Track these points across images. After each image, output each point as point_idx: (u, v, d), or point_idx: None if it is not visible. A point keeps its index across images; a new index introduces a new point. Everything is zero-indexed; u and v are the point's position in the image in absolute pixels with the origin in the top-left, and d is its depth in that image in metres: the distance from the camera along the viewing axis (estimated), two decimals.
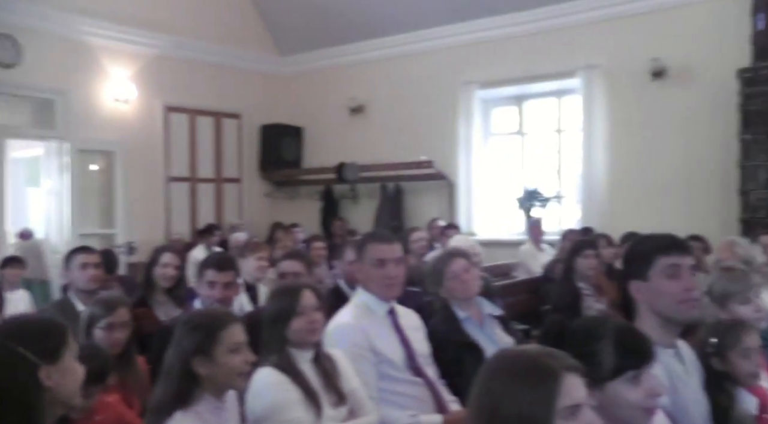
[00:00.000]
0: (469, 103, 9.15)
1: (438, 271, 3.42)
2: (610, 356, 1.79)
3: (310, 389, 2.49)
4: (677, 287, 2.28)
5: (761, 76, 6.71)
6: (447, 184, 9.32)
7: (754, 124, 6.73)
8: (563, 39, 8.37)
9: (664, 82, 7.72)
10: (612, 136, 8.14)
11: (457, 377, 3.01)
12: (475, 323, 3.33)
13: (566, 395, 1.36)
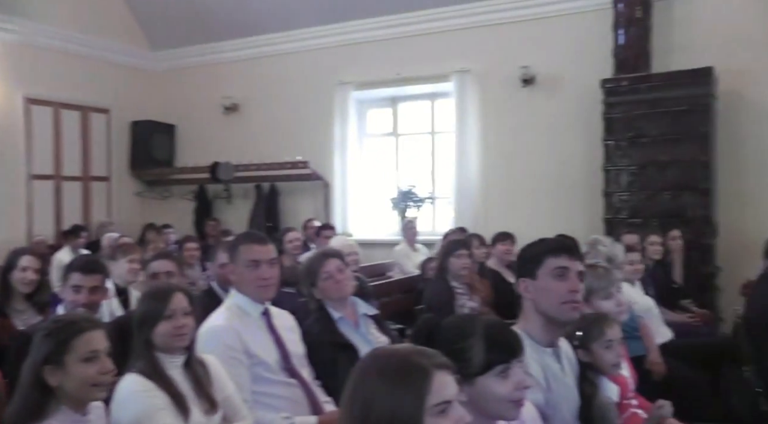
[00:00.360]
0: (344, 103, 9.16)
1: (312, 271, 3.39)
2: (480, 352, 1.84)
3: (178, 394, 2.39)
4: (563, 288, 2.38)
5: (622, 87, 7.09)
6: (322, 184, 9.30)
7: (616, 131, 7.10)
8: (437, 43, 8.53)
9: (534, 89, 8.03)
10: (484, 139, 8.38)
11: (331, 378, 2.99)
12: (350, 323, 3.32)
13: (437, 392, 1.38)
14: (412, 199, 8.81)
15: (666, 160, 6.86)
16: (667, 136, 6.86)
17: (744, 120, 7.12)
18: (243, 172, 9.53)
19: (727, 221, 6.98)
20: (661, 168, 6.89)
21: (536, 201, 7.94)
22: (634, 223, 6.83)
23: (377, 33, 8.88)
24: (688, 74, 6.84)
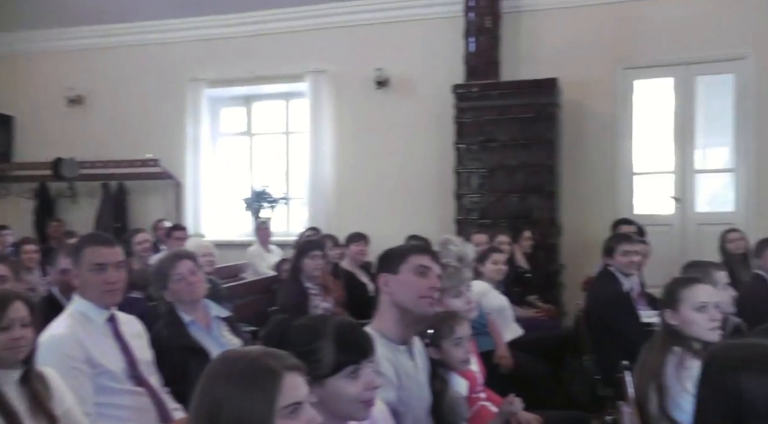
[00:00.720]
0: (197, 101, 8.92)
1: (163, 273, 3.26)
2: (330, 352, 1.83)
3: (11, 413, 2.19)
4: (423, 284, 2.48)
5: (473, 93, 7.34)
6: (174, 183, 9.00)
7: (467, 135, 7.33)
8: (293, 43, 8.47)
9: (388, 92, 8.14)
10: (339, 140, 8.41)
11: (182, 384, 2.88)
12: (201, 326, 3.22)
13: (287, 393, 1.37)
14: (266, 199, 8.70)
15: (514, 164, 7.16)
16: (515, 141, 7.16)
17: (585, 128, 7.56)
18: (89, 169, 9.04)
19: (570, 222, 7.38)
20: (509, 171, 7.18)
21: (390, 202, 8.06)
22: (484, 224, 7.07)
23: (232, 30, 8.70)
24: (535, 84, 7.18)
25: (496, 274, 5.12)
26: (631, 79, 7.61)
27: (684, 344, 2.76)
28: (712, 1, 7.24)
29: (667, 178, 7.62)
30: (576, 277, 6.70)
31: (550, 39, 7.61)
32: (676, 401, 2.57)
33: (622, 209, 7.33)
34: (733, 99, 7.42)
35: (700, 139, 7.58)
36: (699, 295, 2.83)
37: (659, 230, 7.23)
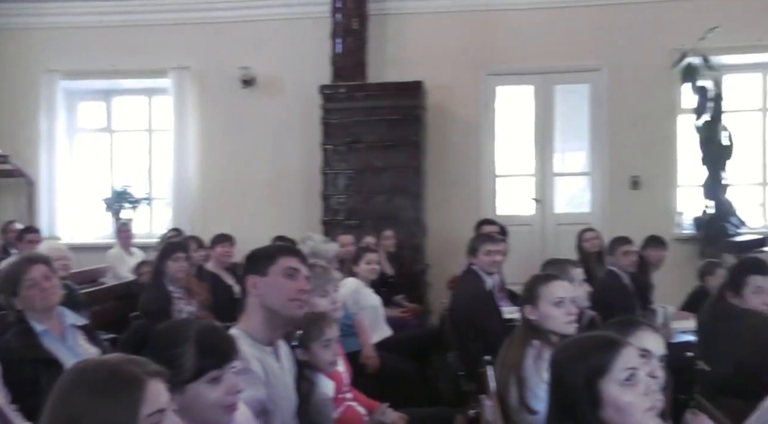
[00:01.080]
0: (51, 93, 8.39)
1: (13, 279, 3.05)
2: (192, 357, 1.79)
3: None
4: (292, 287, 2.45)
5: (340, 94, 7.35)
6: (26, 182, 8.45)
7: (334, 136, 7.34)
8: (155, 36, 8.15)
9: (254, 91, 8.02)
10: (204, 139, 8.20)
11: (32, 399, 2.71)
12: (56, 336, 3.04)
13: (151, 401, 1.32)
14: (127, 199, 8.36)
15: (381, 165, 7.23)
16: (382, 142, 7.24)
17: (450, 131, 7.76)
18: None
19: (435, 222, 7.54)
20: (376, 173, 7.25)
21: (256, 202, 7.94)
22: (350, 224, 7.10)
23: (90, 18, 8.25)
24: (401, 86, 7.28)
25: (369, 273, 5.17)
26: (494, 85, 7.87)
27: (542, 338, 2.87)
28: (571, 16, 7.60)
29: (528, 181, 7.94)
30: (441, 276, 6.84)
31: (417, 43, 7.74)
32: (534, 392, 2.67)
33: (486, 210, 7.56)
34: (588, 107, 7.83)
35: (558, 144, 7.95)
36: (556, 291, 2.96)
37: (520, 229, 7.51)
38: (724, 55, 7.47)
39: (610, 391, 1.88)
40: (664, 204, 7.60)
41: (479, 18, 7.71)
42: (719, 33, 6.93)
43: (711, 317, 3.62)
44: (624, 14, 7.53)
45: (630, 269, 5.29)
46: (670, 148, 7.64)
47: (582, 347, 1.99)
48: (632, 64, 7.54)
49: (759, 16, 7.34)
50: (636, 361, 1.95)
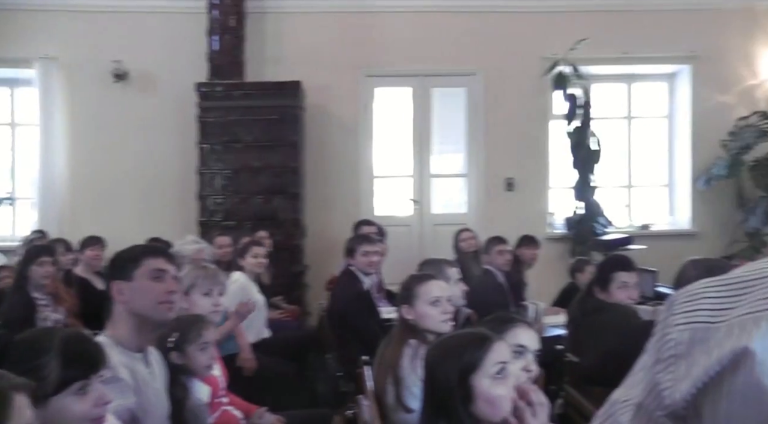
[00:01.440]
0: None
1: None
2: (56, 368, 1.68)
3: None
4: (160, 289, 2.36)
5: (217, 93, 7.18)
6: None
7: (210, 135, 7.16)
8: (19, 23, 7.63)
9: (127, 86, 7.69)
10: (72, 135, 7.78)
11: None
12: None
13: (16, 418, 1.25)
14: None
15: (259, 165, 7.12)
16: (260, 142, 7.13)
17: (329, 131, 7.74)
18: None
19: (314, 223, 7.49)
20: (254, 173, 7.13)
21: (128, 203, 7.63)
22: (228, 225, 6.95)
23: None
24: (279, 86, 7.20)
25: (256, 267, 5.11)
26: (372, 86, 7.92)
27: (419, 337, 2.90)
28: (448, 21, 7.75)
29: (406, 182, 8.03)
30: (320, 277, 6.81)
31: (295, 42, 7.68)
32: (411, 390, 2.69)
33: (364, 211, 7.59)
34: (465, 111, 8.01)
35: (436, 146, 8.09)
36: (433, 290, 3.00)
37: (399, 230, 7.59)
38: (593, 65, 7.83)
39: (482, 385, 1.94)
40: (537, 205, 7.88)
41: (358, 19, 7.74)
42: (588, 45, 7.27)
43: (580, 311, 3.77)
44: (499, 22, 7.75)
45: (504, 267, 5.45)
46: (542, 151, 7.93)
47: (454, 344, 2.05)
48: (507, 71, 7.77)
49: (624, 31, 7.75)
50: (506, 355, 2.02)
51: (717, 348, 0.89)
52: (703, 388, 0.90)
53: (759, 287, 0.90)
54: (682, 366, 0.93)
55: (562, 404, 3.39)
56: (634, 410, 0.98)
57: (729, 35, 7.89)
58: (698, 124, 7.91)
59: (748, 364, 0.85)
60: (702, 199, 7.92)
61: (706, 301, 0.94)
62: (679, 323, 0.95)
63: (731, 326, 0.89)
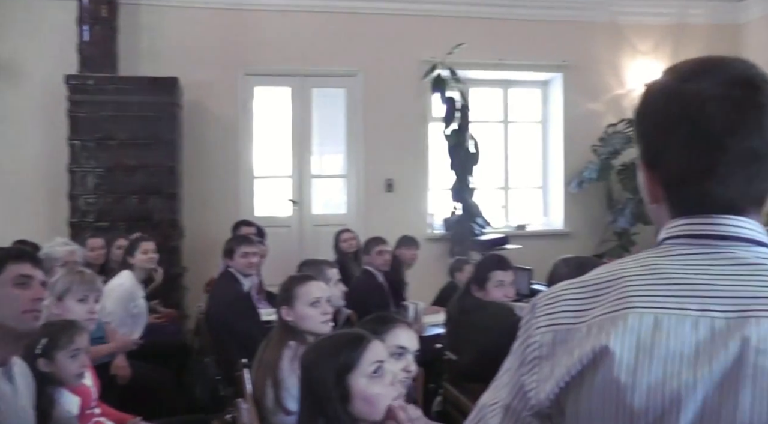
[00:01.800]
0: None
1: None
2: None
3: None
4: (25, 296, 2.22)
5: (89, 86, 6.85)
6: None
7: (82, 131, 6.83)
8: None
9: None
10: None
11: None
12: None
13: None
14: None
15: (134, 164, 6.86)
16: (135, 140, 6.86)
17: (207, 130, 7.55)
18: None
19: (192, 224, 7.29)
20: (129, 172, 6.86)
21: None
22: (101, 226, 6.66)
23: None
24: (155, 81, 6.94)
25: (148, 262, 4.95)
26: (252, 85, 7.81)
27: (299, 338, 2.88)
28: (327, 21, 7.70)
29: (286, 182, 7.96)
30: (199, 279, 6.65)
31: (171, 37, 7.44)
32: (291, 392, 2.67)
33: (244, 211, 7.47)
34: (345, 112, 8.02)
35: (316, 147, 8.06)
36: (312, 291, 3.00)
37: (279, 231, 7.52)
38: (470, 70, 8.03)
39: (359, 385, 1.97)
40: (417, 206, 8.00)
41: (237, 16, 7.59)
42: (466, 50, 7.45)
43: (458, 310, 3.85)
44: (379, 24, 7.82)
45: (384, 268, 5.50)
46: (422, 153, 8.05)
47: (330, 344, 2.08)
48: (386, 72, 7.85)
49: (500, 38, 8.00)
50: (382, 354, 2.05)
51: (578, 348, 0.93)
52: (565, 387, 0.94)
53: (615, 288, 0.95)
54: (545, 367, 0.97)
55: (441, 401, 3.45)
56: (502, 412, 1.01)
57: (597, 47, 8.31)
58: (570, 129, 8.27)
59: (606, 362, 0.90)
60: (574, 201, 8.28)
61: (566, 303, 0.99)
62: (541, 326, 0.99)
63: (590, 327, 0.94)
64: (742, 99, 0.95)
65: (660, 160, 1.01)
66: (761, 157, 0.95)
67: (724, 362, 0.86)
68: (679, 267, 0.94)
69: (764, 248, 0.96)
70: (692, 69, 1.00)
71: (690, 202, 0.98)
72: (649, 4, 8.34)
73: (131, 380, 4.17)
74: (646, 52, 8.39)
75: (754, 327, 0.87)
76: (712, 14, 8.51)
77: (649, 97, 1.04)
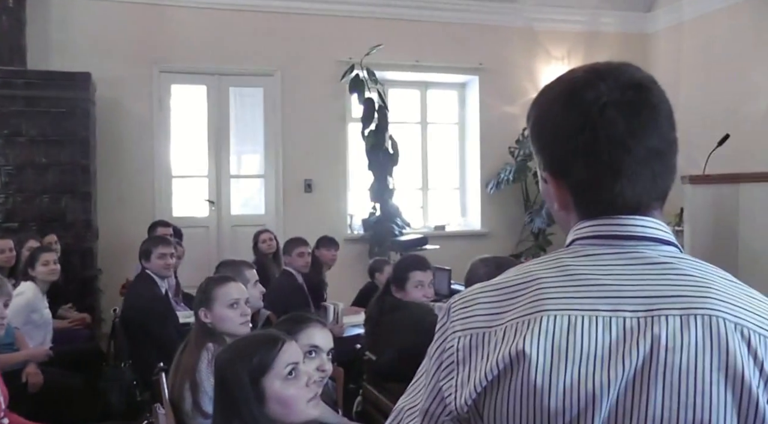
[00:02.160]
0: None
1: None
2: None
3: None
4: None
5: None
6: None
7: None
8: None
9: None
10: None
11: None
12: None
13: None
14: None
15: (45, 161, 6.62)
16: (46, 136, 6.62)
17: (122, 128, 7.37)
18: None
19: (107, 225, 7.11)
20: (40, 170, 6.62)
21: None
22: (10, 227, 6.41)
23: None
24: (67, 76, 6.71)
25: (50, 274, 4.77)
26: (168, 82, 7.65)
27: (218, 340, 2.86)
28: (244, 19, 7.63)
29: (204, 182, 7.84)
30: (114, 281, 6.49)
31: (83, 30, 7.22)
32: (209, 395, 2.65)
33: (161, 212, 7.33)
34: (262, 111, 7.96)
35: (234, 147, 7.96)
36: (231, 292, 2.98)
37: (196, 231, 7.43)
38: (388, 71, 8.12)
39: (274, 387, 1.97)
40: (336, 206, 8.02)
41: (151, 11, 7.41)
42: (383, 51, 7.52)
43: (378, 310, 3.88)
44: (297, 23, 7.79)
45: (304, 269, 5.49)
46: (341, 154, 8.08)
47: (244, 346, 2.07)
48: (304, 72, 7.84)
49: (417, 40, 8.11)
50: (297, 356, 2.06)
51: (494, 352, 0.95)
52: (483, 391, 0.95)
53: (528, 290, 0.97)
54: (462, 372, 0.98)
55: (360, 401, 3.48)
56: (420, 417, 1.02)
57: (512, 51, 8.51)
58: (487, 131, 8.44)
59: (522, 366, 0.92)
60: (491, 202, 8.45)
61: (481, 306, 1.00)
62: (456, 330, 1.00)
63: (506, 330, 0.95)
64: (637, 101, 0.98)
65: (567, 168, 1.02)
66: (662, 155, 0.99)
67: (636, 361, 0.89)
68: (589, 268, 0.97)
69: (670, 246, 1.00)
70: (585, 77, 1.02)
71: (601, 205, 1.00)
72: (562, 12, 8.59)
73: (43, 387, 4.04)
74: (560, 58, 8.65)
75: (664, 325, 0.90)
76: (622, 23, 8.84)
77: (544, 107, 1.06)
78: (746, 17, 7.46)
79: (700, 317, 0.91)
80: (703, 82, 8.00)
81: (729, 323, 0.90)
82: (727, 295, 0.94)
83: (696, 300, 0.92)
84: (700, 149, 5.01)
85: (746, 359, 0.89)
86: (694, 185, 4.34)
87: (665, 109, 1.01)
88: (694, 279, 0.95)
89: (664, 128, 1.00)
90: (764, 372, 0.89)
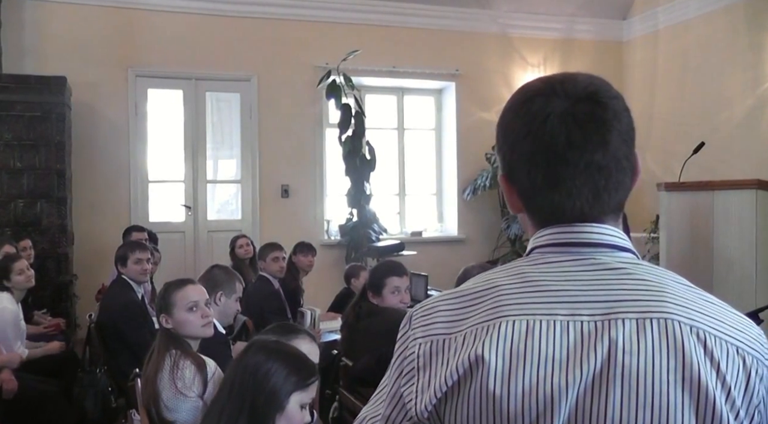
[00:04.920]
0: None
1: None
2: None
3: None
4: None
5: None
6: None
7: None
8: None
9: None
10: None
11: None
12: None
13: None
14: None
15: (20, 166, 6.56)
16: (21, 141, 6.56)
17: (98, 132, 7.33)
18: None
19: (82, 230, 7.06)
20: (14, 174, 6.56)
21: None
22: None
23: None
24: (42, 81, 6.66)
25: (26, 282, 4.75)
26: (144, 87, 7.62)
27: (180, 346, 2.85)
28: (221, 24, 7.63)
29: (180, 187, 7.81)
30: (90, 287, 6.44)
31: (59, 34, 7.17)
32: (167, 405, 2.66)
33: (137, 217, 7.30)
34: (239, 116, 7.94)
35: (211, 152, 7.95)
36: (189, 295, 2.97)
37: (173, 236, 7.39)
38: (365, 76, 8.14)
39: (295, 409, 2.10)
40: (313, 212, 8.02)
41: (127, 15, 7.38)
42: (360, 57, 7.54)
43: (354, 316, 3.89)
44: (273, 29, 7.79)
45: (280, 274, 5.49)
46: (317, 159, 8.08)
47: (287, 359, 2.16)
48: (281, 78, 7.84)
49: (394, 46, 8.15)
50: (314, 393, 2.15)
51: (453, 358, 0.97)
52: (443, 397, 0.97)
53: (488, 298, 1.00)
54: (422, 378, 1.00)
55: (337, 407, 3.49)
56: (381, 423, 1.04)
57: (488, 58, 8.57)
58: (463, 137, 8.48)
59: (481, 371, 0.94)
60: (468, 208, 8.50)
61: (441, 314, 1.02)
62: (417, 337, 1.02)
63: (465, 336, 0.97)
64: (586, 115, 0.98)
65: (513, 173, 1.04)
66: (606, 170, 0.99)
67: (595, 364, 0.91)
68: (547, 274, 0.99)
69: (626, 253, 1.02)
70: (538, 87, 1.03)
71: (544, 212, 1.03)
72: (538, 19, 8.66)
73: (17, 393, 4.01)
74: (536, 65, 8.72)
75: (621, 329, 0.92)
76: (598, 31, 8.93)
77: (502, 114, 1.08)
78: (721, 25, 7.57)
79: (656, 320, 0.93)
80: (678, 89, 8.11)
81: (684, 325, 0.93)
82: (682, 299, 0.96)
83: (652, 304, 0.95)
84: (676, 157, 5.08)
85: (702, 361, 0.91)
86: (669, 192, 4.40)
87: (619, 125, 1.00)
88: (650, 284, 0.97)
89: (614, 144, 0.99)
90: (721, 373, 0.92)
